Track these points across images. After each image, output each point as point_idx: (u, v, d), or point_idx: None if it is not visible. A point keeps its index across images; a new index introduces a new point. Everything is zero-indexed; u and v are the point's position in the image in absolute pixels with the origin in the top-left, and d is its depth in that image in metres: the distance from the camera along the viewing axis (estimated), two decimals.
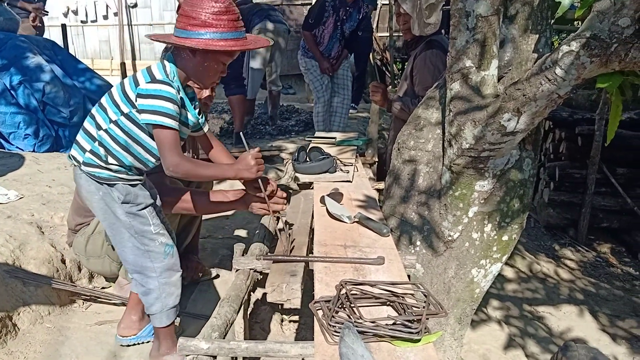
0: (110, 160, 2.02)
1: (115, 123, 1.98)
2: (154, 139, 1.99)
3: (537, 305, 4.26)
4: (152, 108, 1.88)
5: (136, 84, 1.93)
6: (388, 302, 1.68)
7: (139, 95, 1.91)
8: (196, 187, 2.59)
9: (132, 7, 10.57)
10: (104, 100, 2.02)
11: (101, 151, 2.01)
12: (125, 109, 1.96)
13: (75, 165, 2.09)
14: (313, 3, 5.18)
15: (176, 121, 1.91)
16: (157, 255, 2.14)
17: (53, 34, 9.82)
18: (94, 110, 2.04)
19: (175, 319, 2.59)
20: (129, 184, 2.08)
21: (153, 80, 1.90)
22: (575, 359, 1.44)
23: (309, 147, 3.37)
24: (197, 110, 2.14)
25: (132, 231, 2.09)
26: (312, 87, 5.49)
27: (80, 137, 2.06)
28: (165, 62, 1.98)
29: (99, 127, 2.00)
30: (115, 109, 1.97)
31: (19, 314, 2.48)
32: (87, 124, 2.04)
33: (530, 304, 4.25)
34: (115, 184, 2.05)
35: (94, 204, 2.10)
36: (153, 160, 2.08)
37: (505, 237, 2.33)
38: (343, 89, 5.50)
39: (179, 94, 1.96)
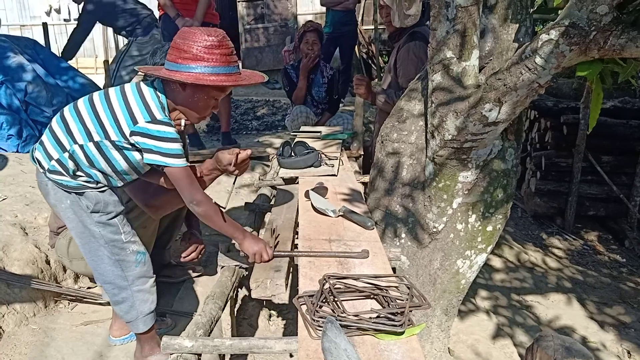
0: (79, 173, 1.97)
1: (96, 144, 1.91)
2: (131, 165, 1.98)
3: (525, 294, 4.29)
4: (160, 150, 1.84)
5: (133, 119, 1.86)
6: (372, 296, 1.68)
7: (139, 134, 1.85)
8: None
9: None
10: (84, 111, 1.93)
11: (70, 164, 1.93)
12: (114, 137, 1.89)
13: (40, 171, 2.00)
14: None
15: (185, 159, 1.89)
16: (128, 264, 2.09)
17: (35, 33, 9.73)
18: (68, 116, 1.94)
19: (165, 321, 2.59)
20: (98, 191, 2.01)
21: (154, 120, 1.85)
22: (550, 349, 1.44)
23: (294, 142, 3.36)
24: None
25: (102, 241, 2.03)
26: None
27: (47, 142, 1.96)
28: (158, 93, 1.92)
29: (74, 140, 1.92)
30: (100, 130, 1.90)
31: (3, 316, 2.46)
32: (58, 130, 1.94)
33: (519, 294, 4.27)
34: (83, 192, 1.99)
35: (62, 212, 2.03)
36: (120, 183, 2.07)
37: (489, 228, 2.34)
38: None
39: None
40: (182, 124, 2.26)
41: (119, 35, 6.15)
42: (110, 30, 10.31)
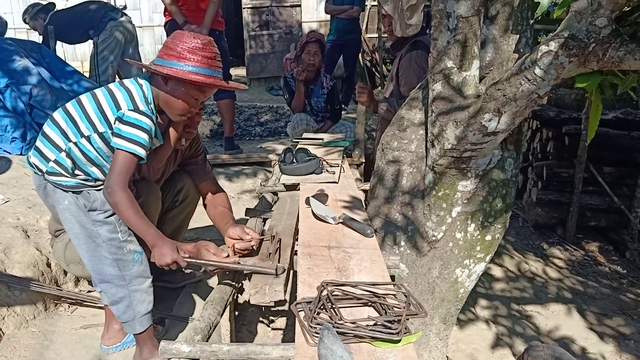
0: (77, 172, 2.02)
1: (87, 139, 1.98)
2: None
3: (525, 304, 4.28)
4: (129, 136, 1.92)
5: (117, 106, 1.95)
6: (369, 303, 1.69)
7: (119, 120, 1.94)
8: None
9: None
10: (73, 110, 2.01)
11: (67, 162, 2.00)
12: (101, 129, 1.97)
13: (37, 174, 2.06)
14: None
15: (146, 151, 1.97)
16: (125, 263, 2.11)
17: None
18: (58, 118, 2.02)
19: (159, 324, 2.60)
20: (95, 189, 2.06)
21: (136, 109, 1.95)
22: (540, 359, 1.45)
23: (296, 149, 3.38)
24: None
25: (99, 240, 2.06)
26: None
27: (42, 145, 2.03)
28: (144, 86, 2.01)
29: (67, 139, 1.99)
30: (89, 124, 1.98)
31: (3, 318, 2.47)
32: (51, 132, 2.02)
33: (519, 303, 4.26)
34: (81, 190, 2.04)
35: (60, 213, 2.08)
36: None
37: (488, 237, 2.34)
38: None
39: (154, 117, 2.02)
40: (183, 142, 2.30)
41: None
42: None
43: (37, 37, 9.66)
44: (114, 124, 1.95)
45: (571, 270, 5.16)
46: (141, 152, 1.94)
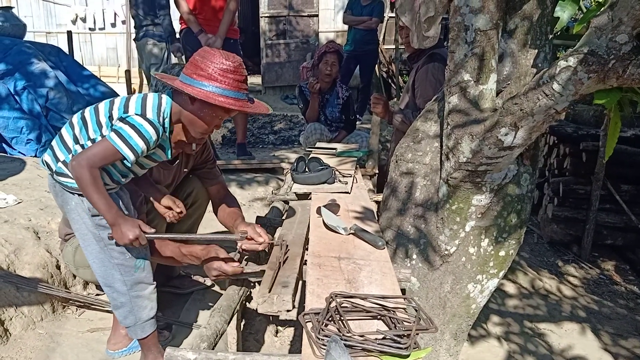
0: None
1: (93, 142, 1.97)
2: (125, 164, 2.00)
3: (538, 322, 4.21)
4: (125, 135, 1.89)
5: (125, 110, 1.94)
6: (378, 316, 1.66)
7: (121, 119, 1.92)
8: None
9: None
10: (88, 114, 2.01)
11: None
12: (106, 132, 1.96)
13: (49, 173, 2.07)
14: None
15: (135, 157, 1.93)
16: (127, 268, 2.10)
17: (60, 40, 9.92)
18: (74, 120, 2.02)
19: (166, 330, 2.59)
20: None
21: (143, 115, 1.92)
22: None
23: (309, 158, 3.36)
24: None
25: (101, 244, 2.06)
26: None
27: (55, 145, 2.04)
28: (163, 99, 1.99)
29: (76, 141, 1.99)
30: (97, 127, 1.97)
31: (11, 319, 2.47)
32: (65, 133, 2.02)
33: (531, 321, 4.19)
34: None
35: (67, 214, 2.09)
36: (123, 180, 2.09)
37: (502, 253, 2.30)
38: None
39: (164, 133, 1.99)
40: (194, 147, 2.30)
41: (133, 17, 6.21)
42: (132, 43, 10.56)
43: (55, 41, 9.82)
44: (115, 121, 1.93)
45: (586, 288, 5.07)
46: (130, 156, 1.90)
